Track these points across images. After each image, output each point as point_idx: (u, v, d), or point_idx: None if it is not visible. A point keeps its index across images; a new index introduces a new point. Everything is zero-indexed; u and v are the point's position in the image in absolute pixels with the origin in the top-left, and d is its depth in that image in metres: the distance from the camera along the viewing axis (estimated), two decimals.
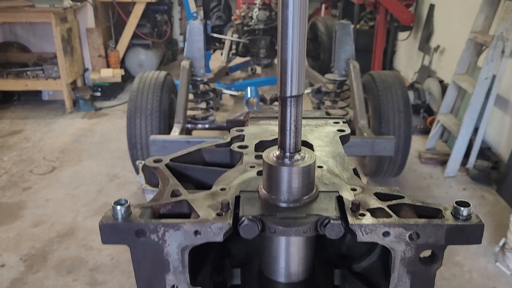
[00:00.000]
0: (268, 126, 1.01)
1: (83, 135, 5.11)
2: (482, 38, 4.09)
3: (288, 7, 0.62)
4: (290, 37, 0.64)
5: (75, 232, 3.41)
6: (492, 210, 3.72)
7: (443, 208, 0.69)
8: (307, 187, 0.71)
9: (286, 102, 0.68)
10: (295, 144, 0.71)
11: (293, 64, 0.65)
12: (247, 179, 0.78)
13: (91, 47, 6.10)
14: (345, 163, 0.85)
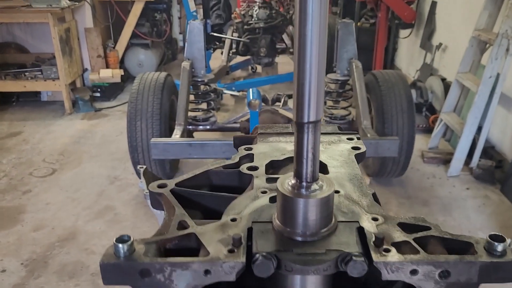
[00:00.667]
0: (278, 143, 0.96)
1: (83, 137, 5.06)
2: (486, 36, 4.03)
3: (306, 26, 0.57)
4: (308, 58, 0.59)
5: (76, 236, 3.37)
6: (496, 210, 3.68)
7: (475, 242, 0.65)
8: (325, 218, 0.67)
9: (303, 128, 0.64)
10: (312, 173, 0.66)
11: (312, 88, 0.61)
12: (259, 208, 0.73)
13: (90, 47, 6.04)
14: (363, 187, 0.80)
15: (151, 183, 0.81)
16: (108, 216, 3.59)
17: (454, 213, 3.66)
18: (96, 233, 3.39)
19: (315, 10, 0.56)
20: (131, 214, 3.61)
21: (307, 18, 0.57)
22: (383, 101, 3.69)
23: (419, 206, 3.73)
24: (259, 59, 5.68)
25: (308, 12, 0.56)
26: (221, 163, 0.88)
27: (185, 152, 3.28)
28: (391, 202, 3.78)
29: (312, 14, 0.57)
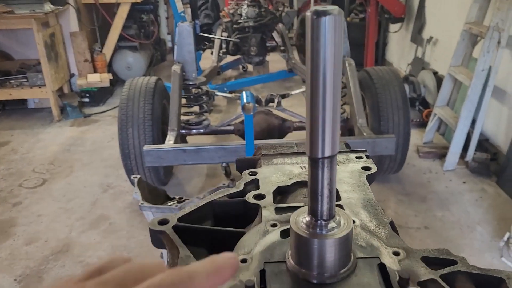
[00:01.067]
0: (283, 165, 0.91)
1: (73, 144, 4.97)
2: (477, 29, 4.01)
3: (319, 54, 0.52)
4: (321, 88, 0.54)
5: (70, 248, 3.30)
6: (493, 203, 3.67)
7: (506, 277, 0.60)
8: (344, 258, 0.62)
9: (318, 164, 0.58)
10: (329, 211, 0.61)
11: (326, 119, 0.55)
12: (270, 245, 0.68)
13: (76, 51, 5.93)
14: (379, 214, 0.75)
15: (151, 220, 0.75)
16: (102, 226, 3.52)
17: (452, 208, 3.64)
18: (91, 244, 3.32)
19: (329, 32, 0.50)
20: (127, 223, 3.54)
21: (320, 46, 0.51)
22: (378, 99, 3.66)
23: (418, 203, 3.71)
24: (249, 58, 5.62)
25: (321, 35, 0.51)
26: (225, 191, 0.82)
27: (180, 158, 3.22)
28: (390, 200, 3.76)
29: (325, 36, 0.51)
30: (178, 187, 4.04)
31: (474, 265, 0.62)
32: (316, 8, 0.50)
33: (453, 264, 0.63)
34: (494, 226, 3.38)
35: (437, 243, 3.22)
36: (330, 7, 0.50)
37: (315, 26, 0.50)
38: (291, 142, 1.00)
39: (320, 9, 0.50)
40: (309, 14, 0.50)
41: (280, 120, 3.86)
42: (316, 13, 0.49)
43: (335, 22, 0.49)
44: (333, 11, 0.49)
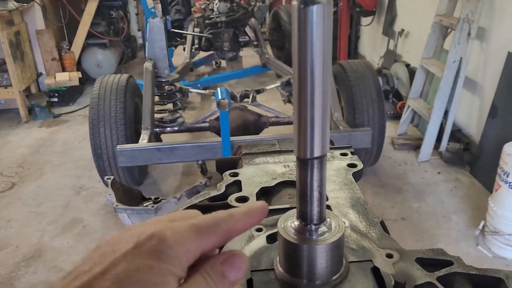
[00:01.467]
0: (266, 165, 0.87)
1: (43, 145, 4.81)
2: (447, 21, 4.06)
3: (306, 46, 0.47)
4: (309, 83, 0.49)
5: (42, 253, 3.19)
6: (468, 192, 3.73)
7: (505, 276, 0.58)
8: (336, 263, 0.58)
9: (307, 165, 0.54)
10: (319, 214, 0.57)
11: (315, 118, 0.51)
12: (256, 251, 0.64)
13: (43, 50, 5.73)
14: (369, 214, 0.72)
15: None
16: (76, 229, 3.42)
17: (427, 198, 3.68)
18: (64, 249, 3.22)
19: (318, 22, 0.46)
20: (101, 225, 3.45)
21: (307, 33, 0.47)
22: (353, 92, 3.66)
23: (394, 194, 3.74)
24: (223, 53, 5.55)
25: (308, 25, 0.46)
26: (206, 195, 0.78)
27: (154, 157, 3.15)
28: (367, 192, 3.77)
29: (314, 27, 0.47)
30: (154, 187, 3.96)
31: (471, 265, 0.60)
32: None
33: (449, 264, 0.61)
34: (469, 215, 3.43)
35: (414, 234, 3.25)
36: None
37: (302, 16, 0.45)
38: (272, 139, 0.96)
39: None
40: (295, 3, 0.45)
41: (255, 115, 3.83)
42: (303, 2, 0.44)
43: (323, 11, 0.45)
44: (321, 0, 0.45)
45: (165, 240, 0.41)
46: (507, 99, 3.55)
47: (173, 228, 0.42)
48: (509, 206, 2.83)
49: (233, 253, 0.46)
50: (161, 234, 0.41)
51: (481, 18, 3.81)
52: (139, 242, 0.40)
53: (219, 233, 0.45)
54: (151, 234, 0.41)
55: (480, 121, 3.96)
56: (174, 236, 0.41)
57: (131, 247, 0.40)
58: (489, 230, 3.03)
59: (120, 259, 0.39)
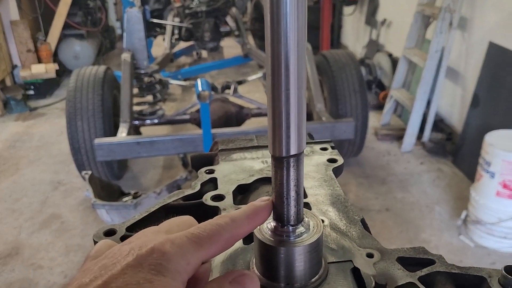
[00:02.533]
0: (243, 161, 0.82)
1: (19, 140, 4.68)
2: (429, 11, 4.04)
3: (280, 39, 0.44)
4: (283, 77, 0.45)
5: (20, 251, 3.10)
6: (450, 182, 3.74)
7: (487, 275, 0.55)
8: (315, 265, 0.54)
9: (283, 164, 0.50)
10: (296, 214, 0.53)
11: (291, 114, 0.47)
12: (232, 253, 0.60)
13: (18, 41, 5.57)
14: (349, 212, 0.68)
15: (96, 231, 0.65)
16: (54, 225, 3.33)
17: (411, 188, 3.69)
18: (42, 246, 3.14)
19: (291, 14, 0.42)
20: (80, 221, 3.37)
21: (281, 25, 0.43)
22: (336, 82, 3.63)
23: (378, 185, 3.74)
24: (203, 44, 5.46)
25: (282, 16, 0.42)
26: (180, 193, 0.73)
27: (133, 151, 3.08)
28: (350, 183, 3.76)
29: (287, 19, 0.43)
30: (134, 181, 3.89)
31: (453, 264, 0.57)
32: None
33: (431, 263, 0.58)
34: (451, 205, 3.45)
35: (398, 225, 3.25)
36: None
37: (275, 7, 0.41)
38: (250, 134, 0.91)
39: None
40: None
41: (237, 107, 3.77)
42: None
43: (297, 1, 0.41)
44: None
45: (165, 254, 0.40)
46: (489, 89, 3.56)
47: (172, 241, 0.42)
48: (491, 195, 2.84)
49: (242, 273, 0.45)
50: (161, 247, 0.41)
51: (463, 7, 3.81)
52: (139, 256, 0.40)
53: (221, 242, 0.44)
54: (151, 248, 0.41)
55: (462, 111, 3.97)
56: (174, 249, 0.41)
57: (131, 260, 0.40)
58: (471, 220, 3.04)
59: (120, 272, 0.39)
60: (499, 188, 2.80)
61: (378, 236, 2.42)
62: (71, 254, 3.03)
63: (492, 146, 2.77)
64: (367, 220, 2.42)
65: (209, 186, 0.76)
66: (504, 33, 3.43)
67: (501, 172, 2.76)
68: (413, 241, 3.09)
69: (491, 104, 3.53)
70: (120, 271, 0.39)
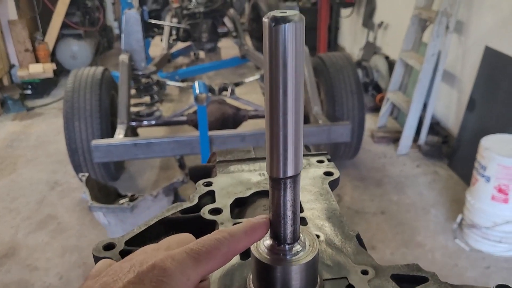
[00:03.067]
0: (241, 173, 0.83)
1: (16, 139, 4.68)
2: (426, 14, 4.06)
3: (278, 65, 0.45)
4: (281, 102, 0.47)
5: (16, 251, 3.10)
6: (446, 185, 3.77)
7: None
8: (311, 283, 0.55)
9: (280, 185, 0.52)
10: (293, 234, 0.54)
11: (288, 137, 0.48)
12: (229, 269, 0.61)
13: (16, 41, 5.56)
14: (344, 227, 0.69)
15: (95, 245, 0.66)
16: (51, 226, 3.34)
17: (407, 191, 3.71)
18: (39, 246, 3.14)
19: (289, 42, 0.43)
20: (76, 222, 3.38)
21: (279, 52, 0.44)
22: (333, 85, 3.64)
23: (374, 187, 3.75)
24: (201, 45, 5.46)
25: (280, 44, 0.44)
26: (178, 206, 0.74)
27: (130, 153, 3.08)
28: (346, 185, 3.78)
29: (285, 46, 0.44)
30: (131, 181, 3.90)
31: (446, 282, 0.59)
32: (274, 14, 0.43)
33: (424, 281, 0.59)
34: (447, 208, 3.47)
35: (393, 227, 3.27)
36: (290, 12, 0.43)
37: (274, 35, 0.43)
38: (248, 146, 0.92)
39: (279, 15, 0.42)
40: (266, 21, 0.42)
41: (234, 109, 3.78)
42: (274, 20, 0.42)
43: (295, 30, 0.43)
44: (293, 17, 0.42)
45: (166, 270, 0.41)
46: (485, 93, 3.58)
47: (173, 257, 0.43)
48: (486, 199, 2.86)
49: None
50: (162, 264, 0.42)
51: (459, 11, 3.83)
52: (140, 272, 0.41)
53: (219, 257, 0.45)
54: (152, 265, 0.41)
55: (459, 114, 3.99)
56: (175, 265, 0.42)
57: (132, 277, 0.40)
58: (467, 224, 3.07)
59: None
60: (494, 192, 2.82)
61: (374, 239, 2.44)
62: (67, 255, 3.04)
63: (488, 150, 2.79)
64: (363, 223, 2.47)
65: (207, 199, 0.77)
66: (499, 37, 3.45)
67: (496, 177, 2.78)
68: (408, 244, 3.11)
69: (487, 108, 3.55)
70: (121, 287, 0.40)
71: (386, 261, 2.93)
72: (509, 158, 2.71)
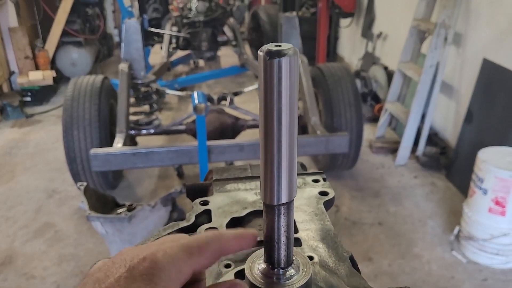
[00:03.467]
0: (237, 192, 0.84)
1: (15, 147, 4.68)
2: (425, 26, 4.09)
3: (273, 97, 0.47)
4: (276, 132, 0.48)
5: (13, 260, 3.10)
6: (444, 196, 3.77)
7: None
8: None
9: (274, 211, 0.53)
10: (286, 258, 0.55)
11: (282, 166, 0.50)
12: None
13: (16, 48, 5.58)
14: (338, 248, 0.70)
15: (93, 263, 0.66)
16: (48, 234, 3.33)
17: (404, 202, 3.71)
18: (36, 255, 3.14)
19: (285, 74, 0.45)
20: (74, 230, 3.37)
21: (274, 85, 0.46)
22: (331, 96, 3.66)
23: (371, 198, 3.76)
24: (201, 53, 5.49)
25: (275, 77, 0.45)
26: (175, 226, 0.74)
27: (129, 162, 3.09)
28: (344, 196, 3.78)
29: (280, 79, 0.46)
30: (129, 190, 3.89)
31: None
32: (269, 47, 0.44)
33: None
34: (444, 219, 3.47)
35: (390, 238, 3.27)
36: (284, 45, 0.44)
37: (268, 68, 0.44)
38: (245, 165, 0.93)
39: (273, 49, 0.44)
40: (261, 54, 0.44)
41: (233, 118, 3.79)
42: (269, 54, 0.43)
43: (290, 64, 0.44)
44: (288, 51, 0.43)
45: (157, 262, 0.41)
46: (483, 105, 3.60)
47: (164, 250, 0.43)
48: (483, 212, 2.87)
49: (234, 282, 0.48)
50: (153, 256, 0.42)
51: (458, 24, 3.86)
52: (131, 266, 0.41)
53: (210, 252, 0.46)
54: (143, 257, 0.42)
55: (456, 125, 4.01)
56: (166, 258, 0.42)
57: (124, 271, 0.41)
58: (464, 236, 3.07)
59: (113, 283, 0.40)
60: (491, 205, 2.83)
61: (371, 250, 2.44)
62: (64, 264, 3.03)
63: (485, 162, 2.80)
64: (360, 234, 2.48)
65: (203, 218, 0.78)
66: (497, 50, 3.48)
67: (493, 189, 2.79)
68: (405, 255, 3.11)
69: (484, 120, 3.57)
70: (113, 282, 0.40)
71: (383, 273, 2.94)
72: (506, 170, 2.72)
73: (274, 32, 5.60)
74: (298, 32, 3.89)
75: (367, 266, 3.00)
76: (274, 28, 5.73)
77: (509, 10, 3.35)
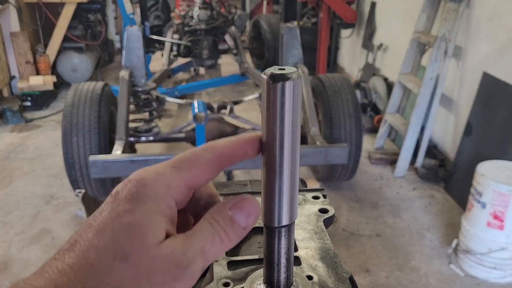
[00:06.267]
0: None
1: (14, 151, 4.67)
2: (425, 38, 4.11)
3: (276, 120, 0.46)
4: (278, 155, 0.48)
5: (8, 266, 3.08)
6: (442, 209, 3.77)
7: None
8: None
9: (275, 233, 0.52)
10: (286, 280, 0.55)
11: (284, 188, 0.49)
12: None
13: (17, 52, 5.58)
14: (338, 268, 0.69)
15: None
16: (45, 241, 3.32)
17: (402, 214, 3.70)
18: (32, 261, 3.12)
19: (288, 100, 0.45)
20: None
21: (277, 108, 0.45)
22: (331, 106, 3.66)
23: (369, 209, 3.75)
24: (201, 61, 5.51)
25: (278, 101, 0.45)
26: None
27: (127, 169, 3.08)
28: (342, 207, 3.77)
29: (283, 103, 0.46)
30: None
31: None
32: (272, 71, 0.44)
33: None
34: (442, 232, 3.46)
35: (388, 251, 3.26)
36: (288, 69, 0.44)
37: (272, 92, 0.44)
38: (245, 181, 0.93)
39: (277, 72, 0.44)
40: (265, 78, 0.44)
41: (233, 127, 3.79)
42: (272, 78, 0.43)
43: (293, 88, 0.44)
44: (291, 75, 0.43)
45: (140, 181, 0.40)
46: (482, 119, 3.61)
47: (148, 169, 0.42)
48: (482, 226, 2.86)
49: (242, 198, 0.45)
50: (137, 177, 0.41)
51: (458, 37, 3.87)
52: (117, 191, 0.40)
53: (203, 164, 0.43)
54: (128, 180, 0.41)
55: (456, 138, 4.02)
56: (150, 175, 0.41)
57: (110, 201, 0.40)
58: (462, 249, 3.06)
59: (101, 211, 0.39)
60: (489, 219, 2.82)
61: (368, 262, 2.43)
62: None
63: (484, 176, 2.80)
64: (358, 245, 2.47)
65: None
66: (497, 64, 3.49)
67: (492, 203, 2.78)
68: (403, 268, 3.10)
69: (483, 133, 3.57)
70: (100, 210, 0.40)
71: (380, 285, 2.92)
72: (505, 185, 2.72)
73: (275, 41, 5.63)
74: (299, 42, 3.90)
75: (364, 277, 2.99)
76: (275, 37, 5.76)
77: (508, 25, 3.37)
